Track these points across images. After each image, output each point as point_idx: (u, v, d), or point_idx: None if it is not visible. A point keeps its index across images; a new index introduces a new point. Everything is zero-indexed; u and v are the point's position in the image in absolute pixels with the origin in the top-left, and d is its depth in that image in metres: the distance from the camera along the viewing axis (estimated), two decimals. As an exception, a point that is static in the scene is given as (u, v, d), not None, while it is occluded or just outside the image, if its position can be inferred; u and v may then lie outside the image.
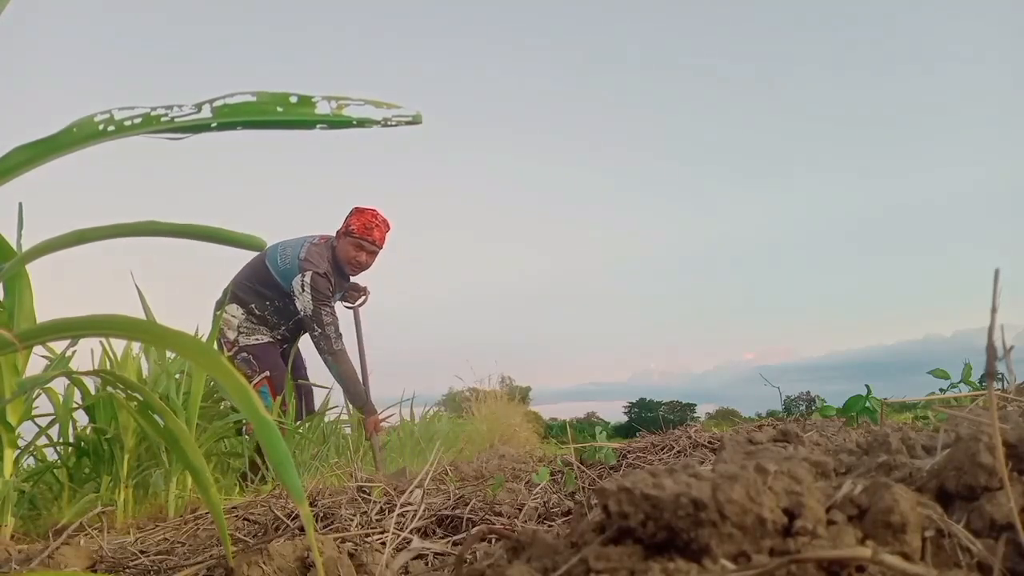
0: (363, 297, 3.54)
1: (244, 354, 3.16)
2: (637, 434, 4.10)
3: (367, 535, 1.12)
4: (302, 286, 3.10)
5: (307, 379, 3.54)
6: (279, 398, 3.05)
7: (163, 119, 0.68)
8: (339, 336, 3.18)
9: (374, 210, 3.23)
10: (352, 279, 3.39)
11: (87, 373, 1.40)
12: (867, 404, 1.72)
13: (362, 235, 3.14)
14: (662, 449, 2.47)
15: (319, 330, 3.13)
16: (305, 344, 3.42)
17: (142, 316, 2.41)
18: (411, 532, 1.13)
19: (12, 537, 1.77)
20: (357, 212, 3.21)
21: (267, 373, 3.16)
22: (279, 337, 3.36)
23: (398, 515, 1.17)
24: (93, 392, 2.26)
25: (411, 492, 1.29)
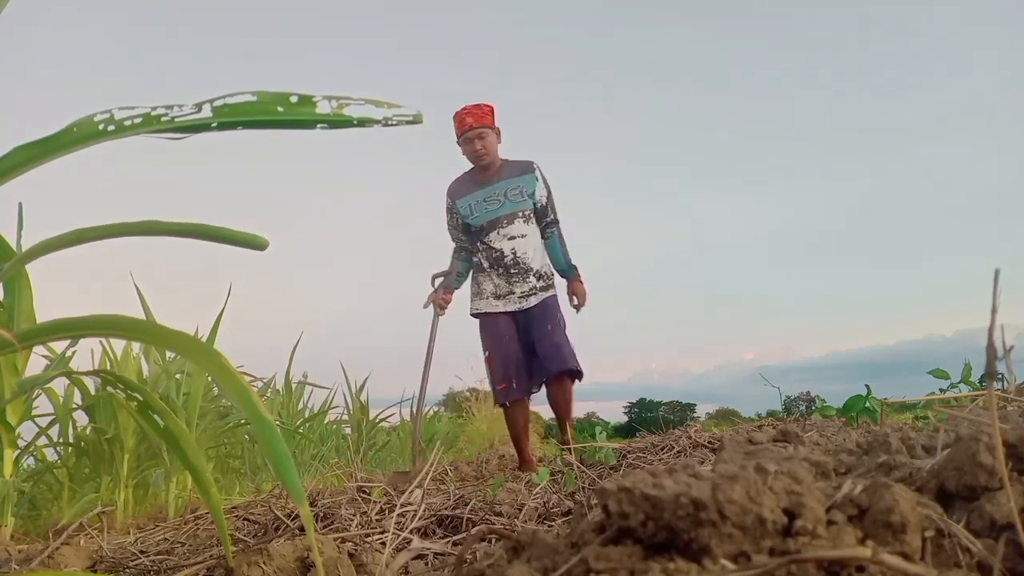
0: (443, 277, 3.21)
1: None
2: (637, 434, 4.11)
3: (367, 535, 1.12)
4: None
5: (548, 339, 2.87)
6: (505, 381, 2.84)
7: (163, 119, 0.68)
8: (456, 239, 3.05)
9: (459, 110, 3.07)
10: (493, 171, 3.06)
11: (87, 373, 1.40)
12: (867, 404, 1.72)
13: (460, 133, 3.00)
14: (662, 449, 2.47)
15: None
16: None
17: (142, 316, 2.41)
18: (411, 532, 1.13)
19: (12, 537, 1.77)
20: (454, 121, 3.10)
21: (486, 354, 2.95)
22: (490, 292, 2.99)
23: (398, 515, 1.17)
24: (93, 392, 2.27)
25: (411, 492, 1.29)
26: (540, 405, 3.13)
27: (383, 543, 1.06)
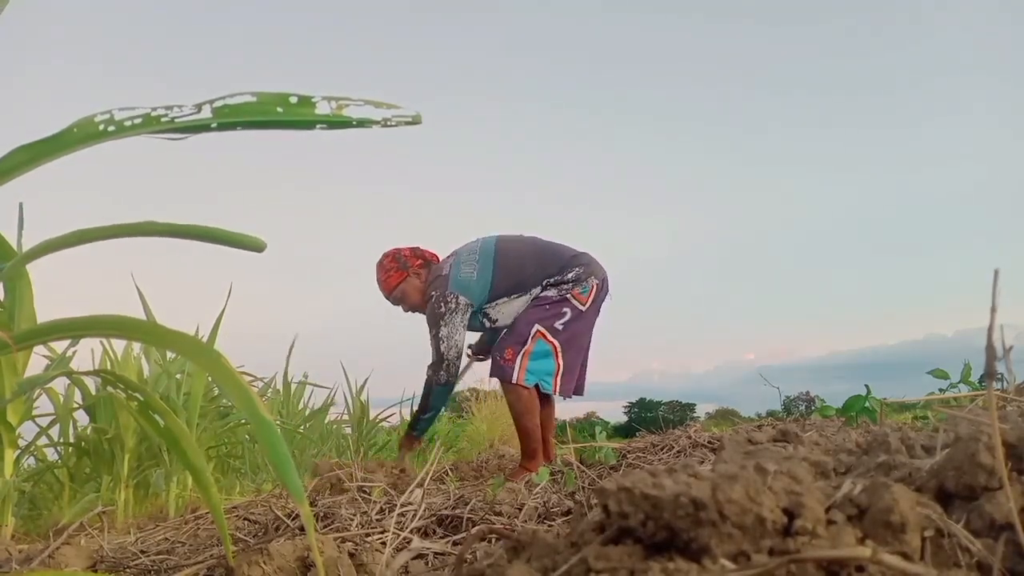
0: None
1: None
2: (637, 434, 4.11)
3: (367, 535, 1.12)
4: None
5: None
6: None
7: (163, 119, 0.68)
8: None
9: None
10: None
11: (88, 373, 1.40)
12: (866, 404, 1.72)
13: None
14: (662, 449, 2.47)
15: None
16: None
17: (142, 316, 2.41)
18: (411, 532, 1.13)
19: (13, 537, 1.77)
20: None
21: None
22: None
23: (398, 515, 1.17)
24: (94, 392, 2.27)
25: (411, 492, 1.29)
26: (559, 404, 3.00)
27: (383, 543, 1.06)
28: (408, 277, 2.71)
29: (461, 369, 2.73)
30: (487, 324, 2.66)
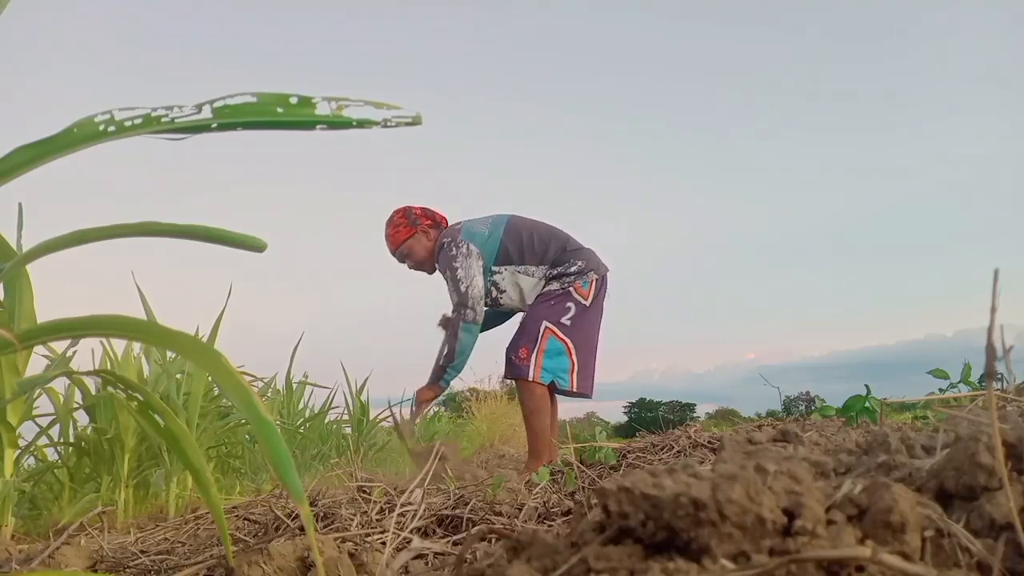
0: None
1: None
2: (637, 434, 4.11)
3: (367, 535, 1.12)
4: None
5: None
6: None
7: (163, 120, 0.68)
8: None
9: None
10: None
11: (88, 373, 1.40)
12: (866, 404, 1.72)
13: None
14: (662, 449, 2.47)
15: None
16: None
17: (143, 316, 2.41)
18: (411, 532, 1.13)
19: (12, 537, 1.77)
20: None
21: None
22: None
23: (398, 515, 1.17)
24: (94, 392, 2.27)
25: (411, 492, 1.29)
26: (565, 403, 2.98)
27: (383, 543, 1.06)
28: (416, 234, 2.73)
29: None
30: (493, 292, 2.67)
